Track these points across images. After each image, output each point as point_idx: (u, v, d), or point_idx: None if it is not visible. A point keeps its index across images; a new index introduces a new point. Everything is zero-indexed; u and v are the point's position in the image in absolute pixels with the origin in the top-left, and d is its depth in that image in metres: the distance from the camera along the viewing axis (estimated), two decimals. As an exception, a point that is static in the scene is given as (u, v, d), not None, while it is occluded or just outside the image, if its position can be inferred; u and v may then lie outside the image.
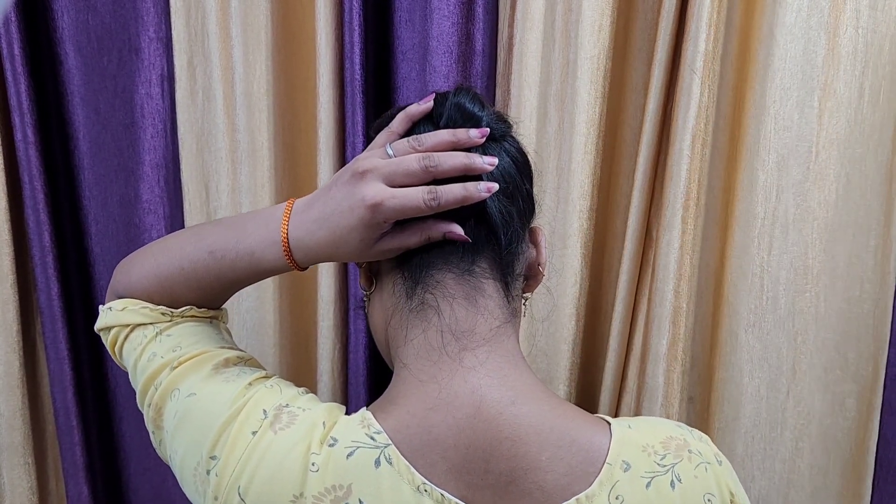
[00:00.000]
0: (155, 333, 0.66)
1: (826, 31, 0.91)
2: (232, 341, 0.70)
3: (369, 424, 0.56)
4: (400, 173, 0.57)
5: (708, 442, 0.62)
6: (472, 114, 0.61)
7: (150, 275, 0.67)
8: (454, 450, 0.55)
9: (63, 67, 1.02)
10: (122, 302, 0.68)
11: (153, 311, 0.66)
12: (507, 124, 0.64)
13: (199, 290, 0.66)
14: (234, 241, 0.63)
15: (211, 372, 0.62)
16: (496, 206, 0.60)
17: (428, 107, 0.61)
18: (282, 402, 0.59)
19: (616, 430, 0.58)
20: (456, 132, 0.59)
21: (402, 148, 0.59)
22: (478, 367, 0.58)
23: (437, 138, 0.59)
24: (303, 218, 0.60)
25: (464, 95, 0.62)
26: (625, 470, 0.56)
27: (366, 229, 0.57)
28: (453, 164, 0.57)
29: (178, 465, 0.61)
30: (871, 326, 0.96)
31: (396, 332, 0.62)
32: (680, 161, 0.91)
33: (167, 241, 0.70)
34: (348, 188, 0.58)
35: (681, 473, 0.57)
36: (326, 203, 0.59)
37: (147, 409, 0.64)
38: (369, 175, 0.57)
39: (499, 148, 0.61)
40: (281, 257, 0.61)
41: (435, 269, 0.60)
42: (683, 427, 0.63)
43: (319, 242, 0.59)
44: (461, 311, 0.59)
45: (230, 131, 1.00)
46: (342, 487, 0.54)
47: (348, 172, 0.58)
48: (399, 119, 0.62)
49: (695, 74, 0.88)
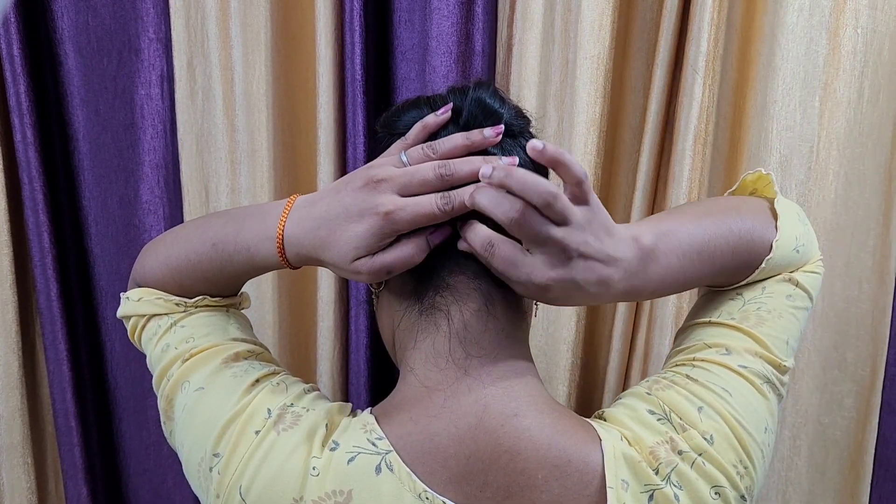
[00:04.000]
0: (170, 324, 0.66)
1: (827, 31, 0.91)
2: (247, 331, 0.70)
3: (371, 429, 0.56)
4: (415, 183, 0.55)
5: (691, 423, 0.57)
6: (493, 110, 0.59)
7: (162, 265, 0.67)
8: (455, 459, 0.55)
9: (63, 68, 1.01)
10: (138, 291, 0.68)
11: (167, 301, 0.66)
12: (525, 119, 0.62)
13: (205, 280, 0.66)
14: (234, 234, 0.62)
15: (220, 366, 0.62)
16: None
17: (445, 118, 0.59)
18: (286, 401, 0.59)
19: (608, 447, 0.56)
20: (470, 135, 0.57)
21: (416, 156, 0.57)
22: (483, 377, 0.57)
23: (452, 143, 0.57)
24: (304, 214, 0.59)
25: (484, 90, 0.60)
26: (625, 489, 0.54)
27: (371, 237, 0.55)
28: (470, 170, 0.55)
29: (185, 458, 0.61)
30: (869, 326, 0.96)
31: (405, 335, 0.61)
32: (682, 161, 0.91)
33: (178, 232, 0.70)
34: (361, 195, 0.56)
35: (679, 480, 0.55)
36: (332, 205, 0.57)
37: (160, 400, 0.64)
38: (384, 185, 0.55)
39: (515, 144, 0.59)
40: (274, 253, 0.59)
41: (446, 272, 0.59)
42: (661, 415, 0.58)
43: (314, 242, 0.58)
44: (471, 316, 0.58)
45: (230, 132, 1.00)
46: (342, 493, 0.54)
47: (361, 179, 0.56)
48: (415, 130, 0.59)
49: (697, 75, 0.89)
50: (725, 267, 0.61)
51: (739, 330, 0.62)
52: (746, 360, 0.60)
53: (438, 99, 0.62)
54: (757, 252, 0.62)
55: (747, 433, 0.57)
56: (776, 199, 0.66)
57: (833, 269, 0.96)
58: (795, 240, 0.64)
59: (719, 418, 0.57)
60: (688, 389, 0.59)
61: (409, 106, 0.63)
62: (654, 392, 0.60)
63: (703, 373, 0.60)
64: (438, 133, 0.59)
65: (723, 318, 0.63)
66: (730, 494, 0.56)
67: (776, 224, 0.63)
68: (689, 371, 0.61)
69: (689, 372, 0.60)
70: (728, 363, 0.60)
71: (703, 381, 0.59)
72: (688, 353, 0.63)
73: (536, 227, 0.52)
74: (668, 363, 0.65)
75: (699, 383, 0.59)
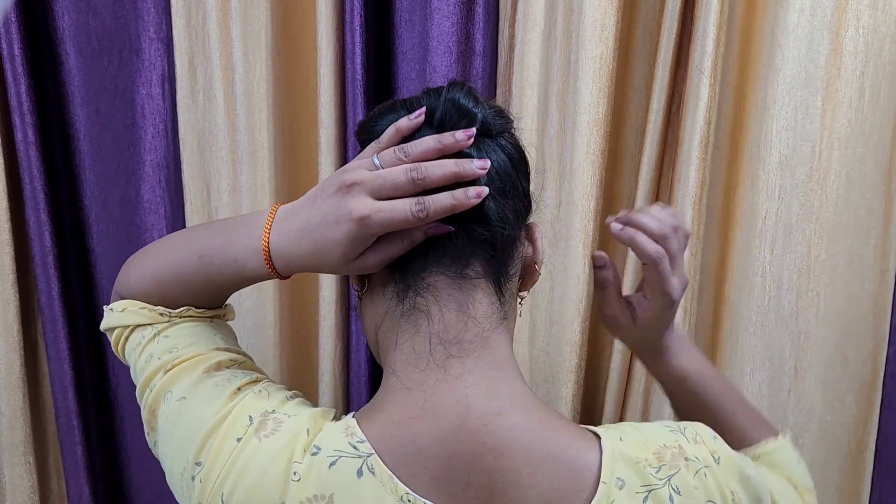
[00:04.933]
0: (153, 334, 0.65)
1: (829, 31, 0.91)
2: (231, 341, 0.70)
3: (353, 433, 0.56)
4: (388, 187, 0.55)
5: (703, 440, 0.59)
6: (467, 110, 0.58)
7: (147, 277, 0.66)
8: (437, 460, 0.55)
9: (64, 68, 1.01)
10: (122, 303, 0.68)
11: (151, 311, 0.66)
12: (505, 119, 0.61)
13: (191, 292, 0.65)
14: (221, 247, 0.62)
15: (202, 375, 0.61)
16: (491, 206, 0.58)
17: (419, 122, 0.59)
18: (268, 407, 0.58)
19: (607, 445, 0.56)
20: (441, 138, 0.56)
21: (388, 159, 0.57)
22: (465, 376, 0.57)
23: (423, 146, 0.56)
24: (286, 227, 0.59)
25: (457, 91, 0.59)
26: (620, 487, 0.54)
27: (350, 243, 0.56)
28: (442, 173, 0.55)
29: (168, 468, 0.61)
30: (870, 324, 0.97)
31: (387, 336, 0.61)
32: (689, 162, 0.91)
33: (163, 243, 0.69)
34: (334, 201, 0.56)
35: (679, 485, 0.55)
36: (311, 214, 0.57)
37: (143, 410, 0.64)
38: (356, 188, 0.55)
39: (494, 144, 0.59)
40: (263, 265, 0.59)
41: (427, 273, 0.58)
42: (675, 429, 0.60)
43: (301, 253, 0.58)
44: (451, 316, 0.58)
45: (231, 131, 1.00)
46: (324, 497, 0.53)
47: (334, 185, 0.56)
48: (388, 134, 0.59)
49: (702, 75, 0.88)
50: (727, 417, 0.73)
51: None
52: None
53: (414, 101, 0.61)
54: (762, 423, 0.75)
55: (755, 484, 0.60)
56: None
57: (835, 267, 0.96)
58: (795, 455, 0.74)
59: (733, 453, 0.60)
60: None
61: (386, 110, 0.63)
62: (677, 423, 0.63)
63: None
64: (413, 136, 0.59)
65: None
66: None
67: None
68: None
69: None
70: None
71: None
72: None
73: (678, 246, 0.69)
74: None
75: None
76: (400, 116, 0.60)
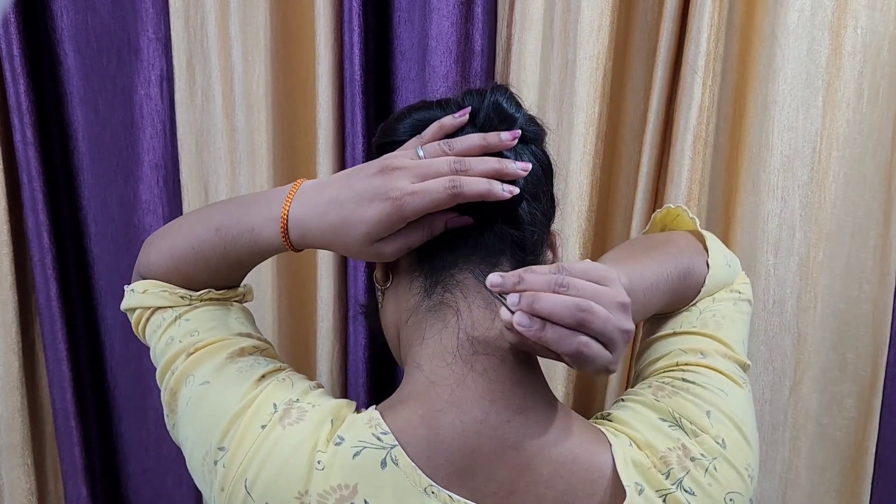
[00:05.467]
0: (174, 317, 0.66)
1: (830, 31, 0.91)
2: (251, 326, 0.70)
3: (377, 424, 0.56)
4: (430, 175, 0.56)
5: (701, 430, 0.58)
6: (509, 114, 0.61)
7: (166, 255, 0.67)
8: (459, 454, 0.55)
9: (62, 68, 1.01)
10: (143, 284, 0.68)
11: (172, 294, 0.66)
12: (538, 127, 0.64)
13: (208, 270, 0.66)
14: (237, 218, 0.63)
15: (225, 361, 0.62)
16: (525, 208, 0.60)
17: (463, 120, 0.60)
18: (293, 396, 0.59)
19: (618, 451, 0.56)
20: (487, 136, 0.59)
21: (433, 150, 0.58)
22: (490, 372, 0.57)
23: (469, 142, 0.58)
24: (312, 199, 0.59)
25: (501, 94, 0.62)
26: (640, 493, 0.55)
27: (379, 223, 0.56)
28: (484, 168, 0.57)
29: (188, 452, 0.61)
30: (870, 327, 0.96)
31: (413, 331, 0.62)
32: (681, 161, 0.91)
33: (183, 221, 0.70)
34: (374, 180, 0.57)
35: (692, 486, 0.55)
36: (343, 189, 0.58)
37: (164, 392, 0.65)
38: (398, 172, 0.56)
39: (527, 149, 0.61)
40: (277, 234, 0.60)
41: (456, 269, 0.60)
42: (674, 424, 0.58)
43: (324, 225, 0.58)
44: (479, 313, 0.59)
45: (229, 131, 1.00)
46: (347, 487, 0.54)
47: (376, 167, 0.57)
48: (432, 129, 0.61)
49: (696, 74, 0.88)
50: (676, 294, 0.67)
51: (704, 335, 0.65)
52: (720, 362, 0.63)
53: (452, 101, 0.63)
54: (698, 276, 0.68)
55: (749, 429, 0.60)
56: (697, 227, 0.74)
57: (833, 269, 0.96)
58: (724, 257, 0.71)
59: (727, 420, 0.59)
60: (691, 394, 0.60)
61: (416, 108, 0.65)
62: (661, 399, 0.60)
63: (695, 376, 0.62)
64: (455, 134, 0.61)
65: (685, 328, 0.67)
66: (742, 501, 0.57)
67: (706, 246, 0.70)
68: (683, 376, 0.62)
69: (684, 376, 0.62)
70: (710, 364, 0.63)
71: (700, 383, 0.61)
72: (666, 359, 0.65)
73: (596, 351, 0.51)
74: (649, 373, 0.66)
75: (698, 385, 0.61)
76: (432, 114, 0.62)
